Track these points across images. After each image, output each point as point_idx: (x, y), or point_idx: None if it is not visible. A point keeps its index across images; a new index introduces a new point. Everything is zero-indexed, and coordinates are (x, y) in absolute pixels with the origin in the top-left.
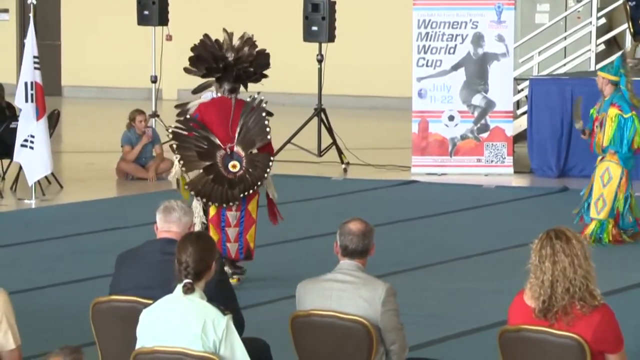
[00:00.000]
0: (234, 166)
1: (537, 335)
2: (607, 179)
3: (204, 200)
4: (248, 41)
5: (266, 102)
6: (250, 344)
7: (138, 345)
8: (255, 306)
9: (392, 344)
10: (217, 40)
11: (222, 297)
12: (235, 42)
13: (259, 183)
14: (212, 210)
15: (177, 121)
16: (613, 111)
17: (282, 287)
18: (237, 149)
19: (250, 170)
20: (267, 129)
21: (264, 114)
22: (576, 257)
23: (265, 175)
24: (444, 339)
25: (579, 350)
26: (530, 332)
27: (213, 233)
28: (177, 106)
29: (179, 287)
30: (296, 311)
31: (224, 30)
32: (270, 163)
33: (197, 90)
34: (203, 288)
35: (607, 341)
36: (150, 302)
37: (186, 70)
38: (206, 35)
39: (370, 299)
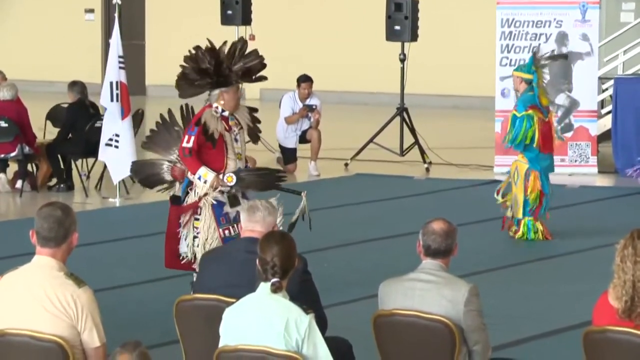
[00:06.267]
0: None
1: (622, 336)
2: (516, 178)
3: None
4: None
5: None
6: (333, 343)
7: (221, 344)
8: (338, 305)
9: (475, 344)
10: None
11: (305, 296)
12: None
13: None
14: None
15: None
16: (511, 112)
17: (364, 286)
18: None
19: None
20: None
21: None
22: None
23: None
24: (527, 339)
25: None
26: (615, 332)
27: None
28: None
29: (263, 286)
30: (379, 310)
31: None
32: None
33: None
34: (285, 286)
35: None
36: (233, 300)
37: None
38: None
39: (453, 298)
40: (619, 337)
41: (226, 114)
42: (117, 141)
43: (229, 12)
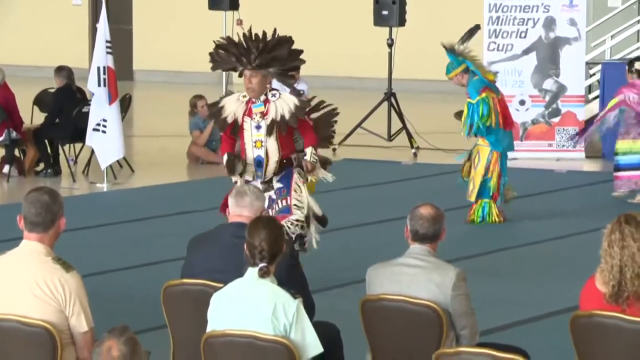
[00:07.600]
0: None
1: (609, 320)
2: (477, 162)
3: None
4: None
5: None
6: (321, 328)
7: (209, 329)
8: (326, 290)
9: (462, 329)
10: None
11: (293, 281)
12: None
13: None
14: None
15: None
16: (466, 101)
17: (352, 271)
18: None
19: None
20: None
21: None
22: None
23: None
24: (515, 324)
25: None
26: (602, 317)
27: None
28: None
29: (251, 271)
30: (366, 295)
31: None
32: None
33: None
34: (273, 271)
35: None
36: (221, 285)
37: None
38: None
39: (441, 283)
40: (606, 322)
41: (255, 99)
42: (104, 126)
43: None
